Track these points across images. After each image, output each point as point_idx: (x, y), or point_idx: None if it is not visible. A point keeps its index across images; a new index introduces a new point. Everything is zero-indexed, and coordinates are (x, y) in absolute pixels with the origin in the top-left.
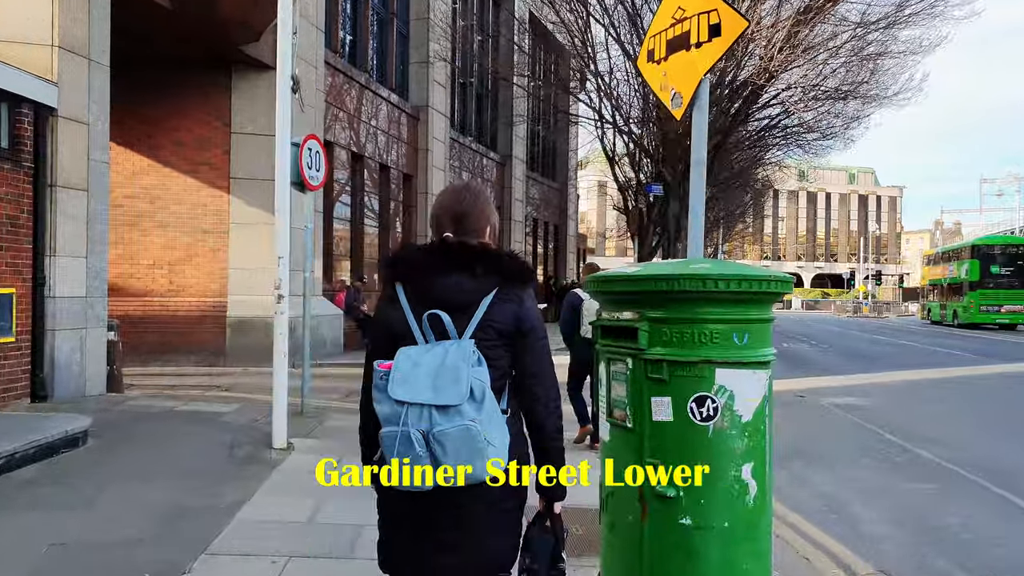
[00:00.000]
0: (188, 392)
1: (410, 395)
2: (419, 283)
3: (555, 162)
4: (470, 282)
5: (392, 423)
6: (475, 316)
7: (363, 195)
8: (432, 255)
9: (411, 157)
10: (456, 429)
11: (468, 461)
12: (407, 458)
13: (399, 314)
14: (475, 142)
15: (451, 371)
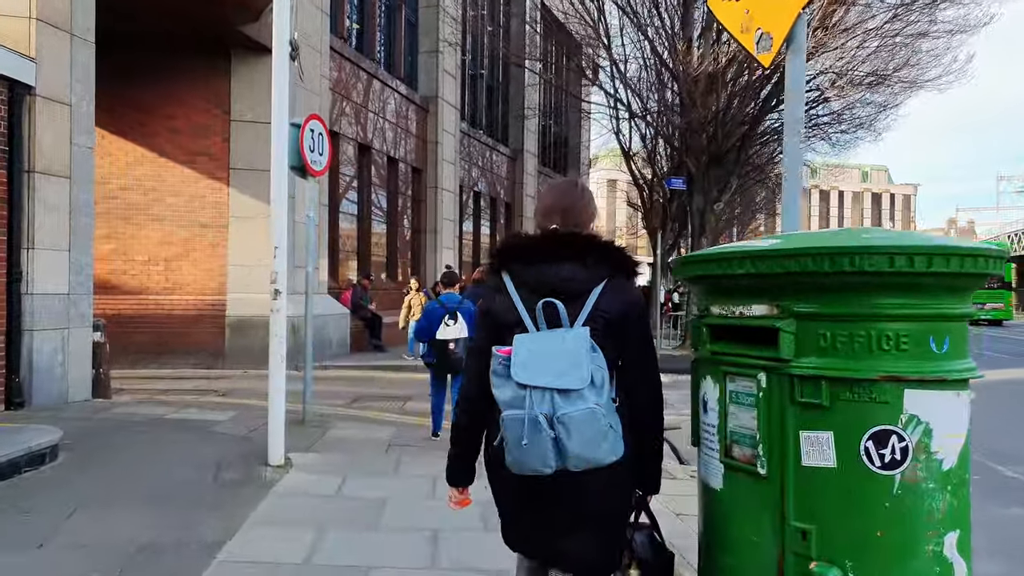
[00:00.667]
0: (181, 397)
1: (533, 379)
2: (530, 272)
3: (567, 158)
4: (582, 271)
5: (516, 407)
6: (586, 305)
7: (370, 189)
8: (544, 245)
9: (420, 150)
10: (580, 413)
11: (592, 445)
12: (531, 441)
13: (507, 303)
14: (486, 135)
15: (571, 357)
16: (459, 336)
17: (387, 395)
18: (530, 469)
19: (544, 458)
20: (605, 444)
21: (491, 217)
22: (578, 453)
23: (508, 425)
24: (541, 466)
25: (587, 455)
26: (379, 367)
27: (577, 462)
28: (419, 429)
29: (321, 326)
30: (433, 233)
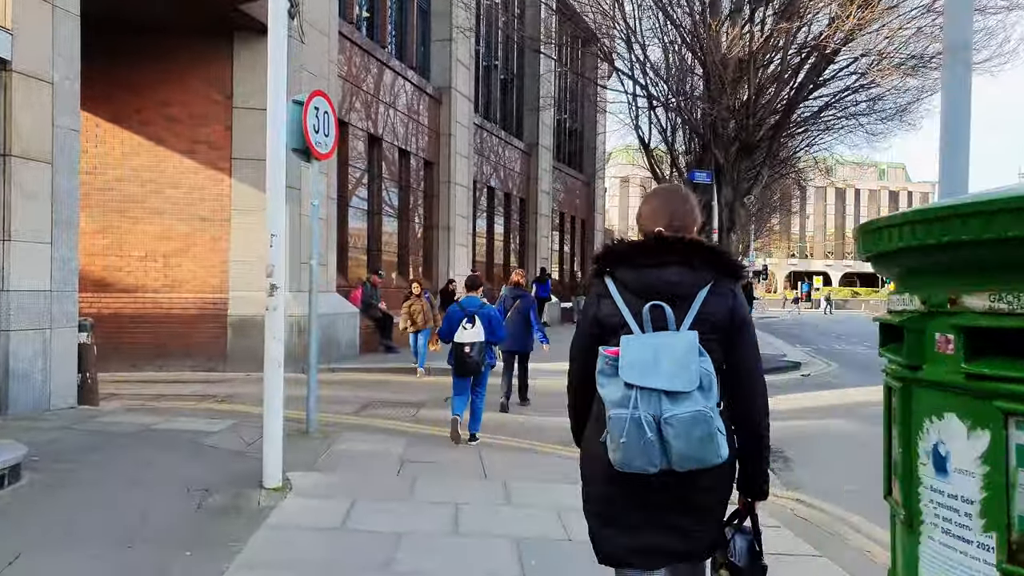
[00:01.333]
0: (176, 404)
1: (641, 379)
2: (635, 275)
3: (582, 153)
4: (688, 275)
5: (622, 406)
6: (692, 308)
7: (381, 183)
8: (650, 248)
9: (433, 142)
10: (688, 415)
11: (699, 446)
12: (633, 440)
13: (611, 305)
14: (500, 129)
15: (680, 359)
16: (475, 340)
17: (399, 401)
18: (636, 467)
19: (650, 457)
20: (711, 446)
21: (505, 214)
22: (685, 454)
23: (613, 423)
24: (647, 465)
25: (694, 456)
26: (390, 370)
27: (683, 462)
28: (435, 441)
29: (328, 326)
30: (446, 230)
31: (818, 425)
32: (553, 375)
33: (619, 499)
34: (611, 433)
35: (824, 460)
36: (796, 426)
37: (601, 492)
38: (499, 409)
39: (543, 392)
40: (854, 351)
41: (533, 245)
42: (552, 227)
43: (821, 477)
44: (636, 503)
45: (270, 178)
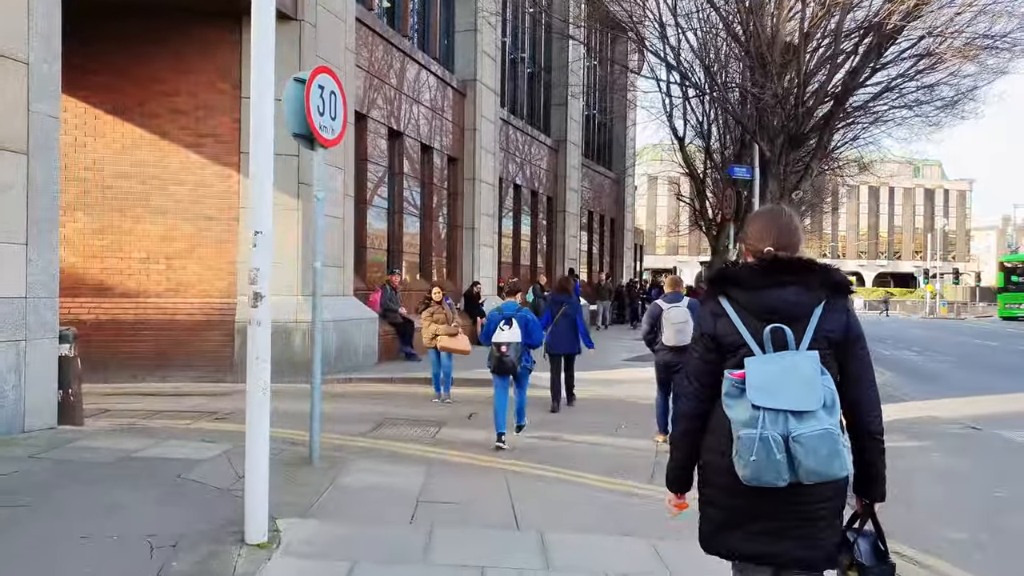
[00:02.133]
0: (170, 422)
1: (768, 401)
2: (752, 296)
3: (611, 149)
4: (805, 294)
5: (750, 427)
6: (809, 326)
7: (402, 180)
8: (767, 270)
9: (457, 137)
10: (816, 433)
11: (826, 462)
12: (762, 458)
13: (729, 326)
14: (527, 124)
15: (805, 380)
16: (511, 340)
17: (417, 418)
18: (765, 482)
19: (779, 473)
20: (838, 461)
21: (532, 213)
22: (813, 469)
23: (743, 443)
24: (776, 480)
25: (821, 471)
26: (410, 380)
27: (811, 476)
28: (456, 470)
29: (344, 332)
30: (470, 230)
31: (898, 450)
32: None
33: (746, 509)
34: (740, 452)
35: (915, 497)
36: None
37: (726, 502)
38: (549, 411)
39: (584, 405)
40: (904, 357)
41: (561, 245)
42: (580, 226)
43: (913, 520)
44: (763, 513)
45: (254, 163)
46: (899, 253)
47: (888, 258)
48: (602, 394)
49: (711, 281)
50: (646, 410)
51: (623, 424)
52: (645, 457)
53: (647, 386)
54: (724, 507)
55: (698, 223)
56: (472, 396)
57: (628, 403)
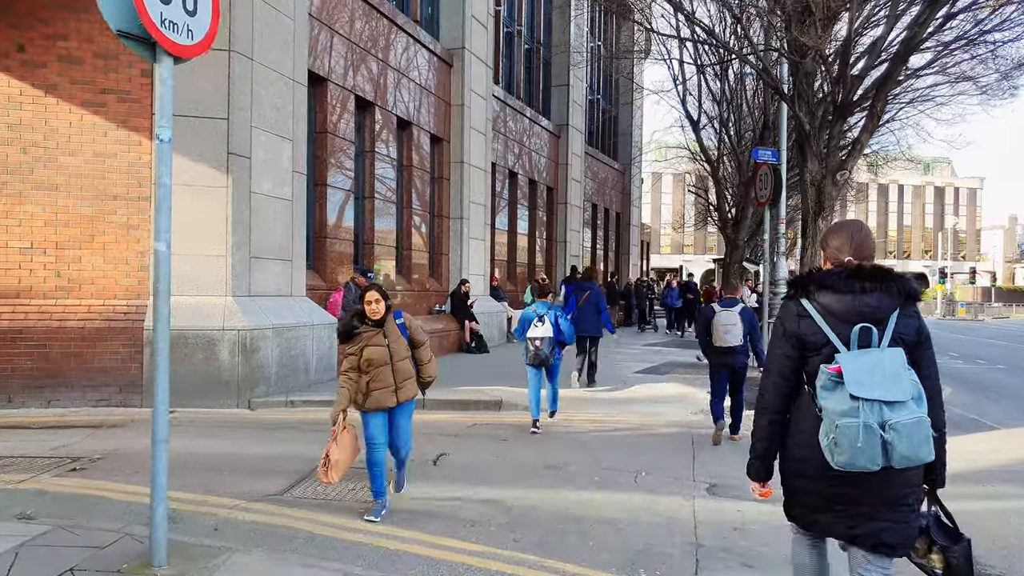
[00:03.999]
0: (7, 476)
1: (865, 392)
2: (837, 299)
3: (616, 139)
4: (886, 300)
5: (850, 416)
6: (888, 328)
7: (373, 158)
8: (852, 277)
9: (442, 114)
10: (911, 420)
11: (919, 447)
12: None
13: (812, 325)
14: (524, 105)
15: (893, 373)
16: (544, 335)
17: (361, 462)
18: (859, 467)
19: (874, 458)
20: (927, 446)
21: (530, 203)
22: (905, 454)
23: (843, 431)
24: (870, 464)
25: (913, 456)
26: None
27: (903, 461)
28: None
29: (291, 342)
30: (458, 220)
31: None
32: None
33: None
34: (839, 439)
35: None
36: (990, 510)
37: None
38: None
39: (591, 439)
40: (953, 366)
41: (562, 241)
42: (584, 219)
43: None
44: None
45: None
46: (908, 252)
47: (897, 257)
48: (613, 419)
49: (793, 284)
50: (671, 442)
51: (643, 471)
52: (681, 528)
53: (668, 406)
54: (812, 491)
55: (711, 217)
56: (445, 425)
57: (647, 432)
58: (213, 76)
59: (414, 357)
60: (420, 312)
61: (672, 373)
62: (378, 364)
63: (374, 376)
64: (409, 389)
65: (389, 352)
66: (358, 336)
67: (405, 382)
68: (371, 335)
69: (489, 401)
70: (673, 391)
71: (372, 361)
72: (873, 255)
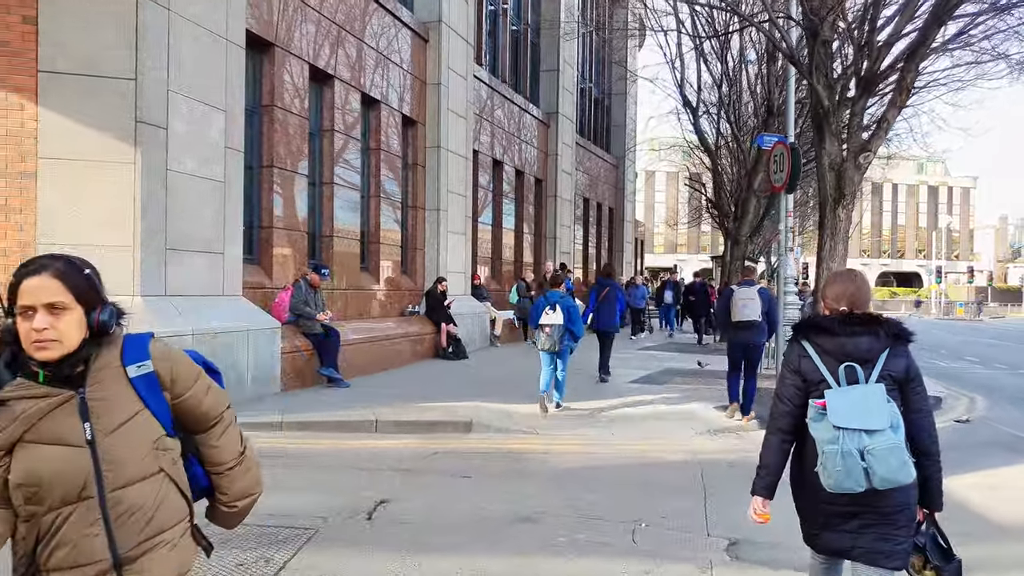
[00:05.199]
0: None
1: (844, 422)
2: (832, 342)
3: (609, 131)
4: (875, 342)
5: (833, 443)
6: (876, 366)
7: (332, 138)
8: (844, 323)
9: (416, 93)
10: (887, 446)
11: (896, 470)
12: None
13: (810, 363)
14: (510, 89)
15: (875, 406)
16: (554, 322)
17: (277, 512)
18: (846, 488)
19: (857, 480)
20: (905, 469)
21: (516, 196)
22: (885, 476)
23: (828, 456)
24: (855, 486)
25: (891, 478)
26: (322, 425)
27: (884, 483)
28: None
29: (222, 352)
30: (435, 212)
31: None
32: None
33: (835, 513)
34: (825, 464)
35: None
36: None
37: (818, 509)
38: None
39: (578, 473)
40: (973, 372)
41: (552, 236)
42: (575, 214)
43: None
44: (848, 515)
45: None
46: (902, 251)
47: (891, 256)
48: (603, 444)
49: (797, 328)
50: (676, 476)
51: (641, 521)
52: None
53: (669, 424)
54: (816, 514)
55: (709, 212)
56: (398, 454)
57: (644, 462)
58: (117, 26)
59: (195, 452)
60: (391, 314)
61: (671, 382)
62: (59, 495)
63: (51, 527)
64: (161, 565)
65: (93, 458)
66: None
67: (145, 546)
68: (42, 409)
69: (457, 423)
70: (674, 405)
71: (41, 484)
72: (867, 303)
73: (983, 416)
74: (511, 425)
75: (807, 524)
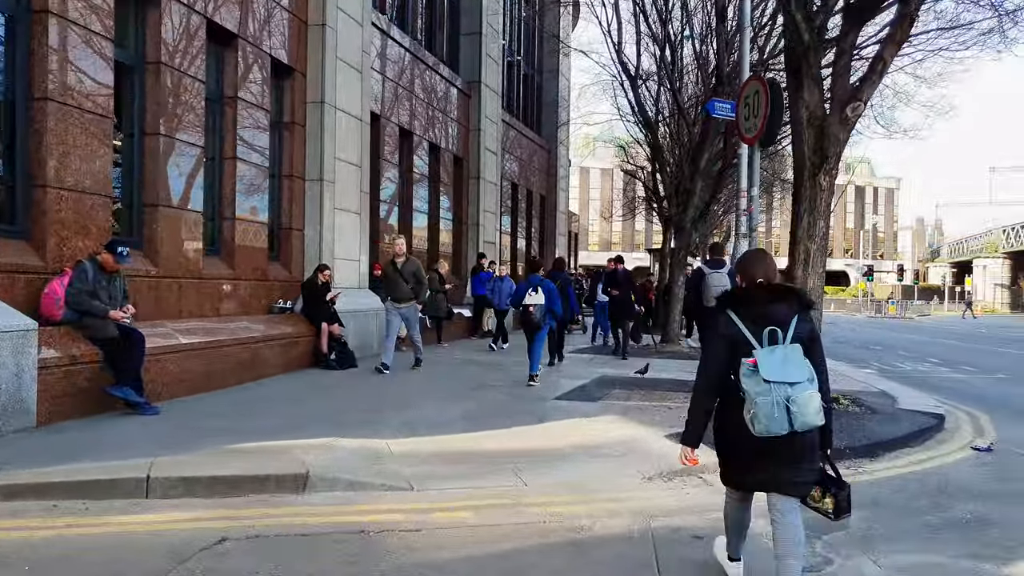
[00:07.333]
0: None
1: (774, 376)
2: (753, 310)
3: (540, 112)
4: (787, 309)
5: (764, 395)
6: (789, 331)
7: (159, 73)
8: (764, 293)
9: (296, 33)
10: (807, 395)
11: (814, 415)
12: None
13: (736, 330)
14: (424, 49)
15: (794, 362)
16: (537, 303)
17: None
18: (773, 432)
19: (783, 425)
20: (819, 415)
21: (431, 174)
22: (804, 421)
23: (760, 406)
24: (780, 430)
25: (810, 422)
26: (48, 491)
27: (804, 426)
28: None
29: None
30: (317, 183)
31: None
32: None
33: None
34: (756, 413)
35: None
36: None
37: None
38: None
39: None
40: (945, 376)
41: (474, 224)
42: (502, 199)
43: None
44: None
45: None
46: (831, 251)
47: None
48: (514, 508)
49: (721, 300)
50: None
51: None
52: None
53: (607, 464)
54: (741, 457)
55: (648, 200)
56: (160, 545)
57: (568, 540)
58: None
59: None
60: (255, 311)
61: (608, 398)
62: None
63: None
64: None
65: None
66: None
67: None
68: None
69: (284, 476)
70: (613, 432)
71: None
72: (775, 276)
73: (1005, 441)
74: (373, 476)
75: (731, 468)
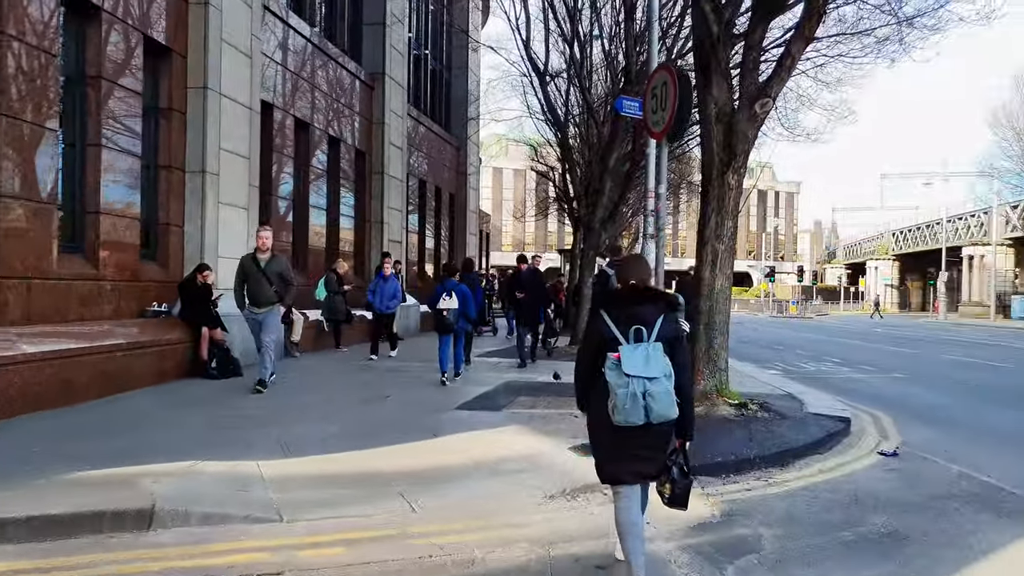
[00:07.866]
0: None
1: (633, 371)
2: (622, 310)
3: (450, 108)
4: (653, 310)
5: (623, 387)
6: (655, 329)
7: (12, 44)
8: (633, 295)
9: (174, 11)
10: (662, 390)
11: (668, 409)
12: (631, 406)
13: (605, 328)
14: (322, 37)
15: (654, 359)
16: (451, 307)
17: None
18: (631, 421)
19: (639, 415)
20: (673, 408)
21: (330, 168)
22: (659, 413)
23: (619, 397)
24: (637, 420)
25: (664, 413)
26: None
27: (659, 418)
28: None
29: None
30: (199, 175)
31: None
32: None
33: (618, 443)
34: (616, 403)
35: None
36: None
37: (607, 439)
38: None
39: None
40: (848, 377)
41: (379, 221)
42: (408, 197)
43: None
44: (629, 445)
45: None
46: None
47: None
48: (399, 540)
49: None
50: None
51: None
52: None
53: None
54: (606, 446)
55: (558, 199)
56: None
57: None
58: None
59: None
60: (125, 315)
61: (513, 406)
62: None
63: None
64: None
65: None
66: None
67: None
68: None
69: (124, 513)
70: (517, 446)
71: None
72: (649, 278)
73: (908, 445)
74: (237, 506)
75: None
